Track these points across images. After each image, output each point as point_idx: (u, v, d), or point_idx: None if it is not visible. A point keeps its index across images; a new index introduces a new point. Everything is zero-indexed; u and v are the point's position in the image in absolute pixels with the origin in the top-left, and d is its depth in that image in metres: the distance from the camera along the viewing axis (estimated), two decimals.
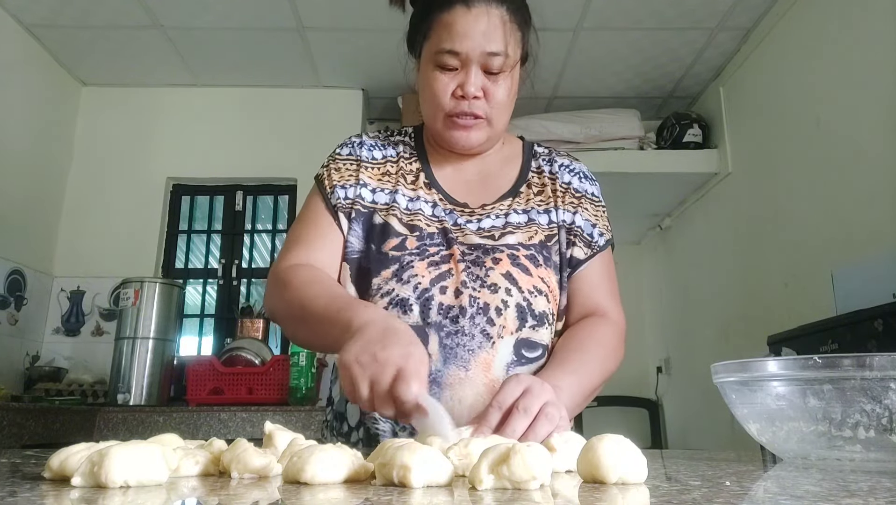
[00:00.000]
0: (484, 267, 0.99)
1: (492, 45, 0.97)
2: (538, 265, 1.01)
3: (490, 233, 1.03)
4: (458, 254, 1.00)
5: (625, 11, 2.88)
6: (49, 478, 0.53)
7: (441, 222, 1.03)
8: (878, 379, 0.62)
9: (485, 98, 1.00)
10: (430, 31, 1.01)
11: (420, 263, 0.98)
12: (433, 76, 1.00)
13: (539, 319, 0.99)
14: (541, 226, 1.06)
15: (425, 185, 1.08)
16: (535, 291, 0.99)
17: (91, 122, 3.47)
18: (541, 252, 1.02)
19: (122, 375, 2.76)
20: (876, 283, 2.11)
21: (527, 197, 1.09)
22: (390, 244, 1.00)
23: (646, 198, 3.74)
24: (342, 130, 3.43)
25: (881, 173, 2.17)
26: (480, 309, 0.96)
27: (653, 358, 4.32)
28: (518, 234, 1.03)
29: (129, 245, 3.31)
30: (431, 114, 1.04)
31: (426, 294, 0.97)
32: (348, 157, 1.10)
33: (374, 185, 1.07)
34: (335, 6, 2.86)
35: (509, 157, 1.14)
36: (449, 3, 0.98)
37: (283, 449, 0.63)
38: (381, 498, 0.45)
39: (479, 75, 0.99)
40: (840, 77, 2.39)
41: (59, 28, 3.02)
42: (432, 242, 1.01)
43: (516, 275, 0.99)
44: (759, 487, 0.54)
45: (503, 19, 0.98)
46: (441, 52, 0.98)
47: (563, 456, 0.62)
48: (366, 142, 1.12)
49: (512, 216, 1.05)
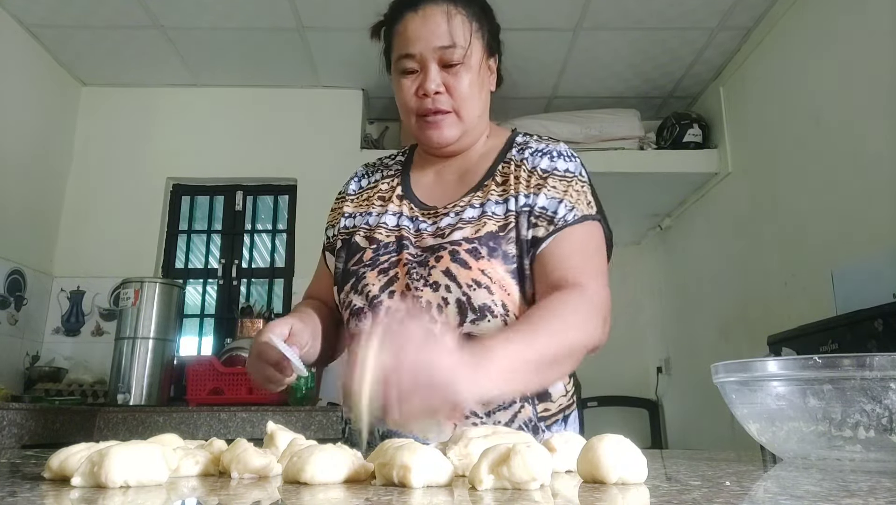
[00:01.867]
0: (427, 266, 1.01)
1: (441, 40, 1.02)
2: (479, 258, 0.99)
3: (442, 231, 1.04)
4: (406, 258, 1.03)
5: (625, 11, 2.88)
6: (49, 478, 0.53)
7: (399, 230, 1.07)
8: (878, 379, 0.62)
9: (448, 92, 1.04)
10: (391, 45, 1.08)
11: (371, 273, 1.04)
12: (399, 83, 1.07)
13: (480, 312, 0.97)
14: (493, 216, 1.03)
15: (398, 198, 1.12)
16: (473, 285, 0.98)
17: (91, 122, 3.47)
18: (486, 244, 1.00)
19: (122, 375, 2.76)
20: (876, 283, 2.11)
21: (489, 189, 1.07)
22: (352, 260, 1.08)
23: (646, 198, 3.74)
24: (342, 130, 3.48)
25: (881, 173, 2.17)
26: (424, 308, 0.99)
27: (653, 358, 4.32)
28: (466, 228, 1.02)
29: (129, 245, 3.31)
30: (405, 119, 1.10)
31: (376, 300, 1.02)
32: (340, 196, 1.21)
33: (352, 212, 1.16)
34: (335, 6, 2.86)
35: (489, 151, 1.13)
36: (400, 13, 1.06)
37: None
38: (381, 498, 0.45)
39: (437, 71, 1.04)
40: (840, 77, 2.39)
41: (59, 28, 3.02)
42: (385, 252, 1.05)
43: (455, 270, 0.99)
44: (759, 487, 0.54)
45: (448, 13, 1.04)
46: (400, 59, 1.05)
47: (563, 456, 0.62)
48: (358, 174, 1.23)
49: (467, 211, 1.05)
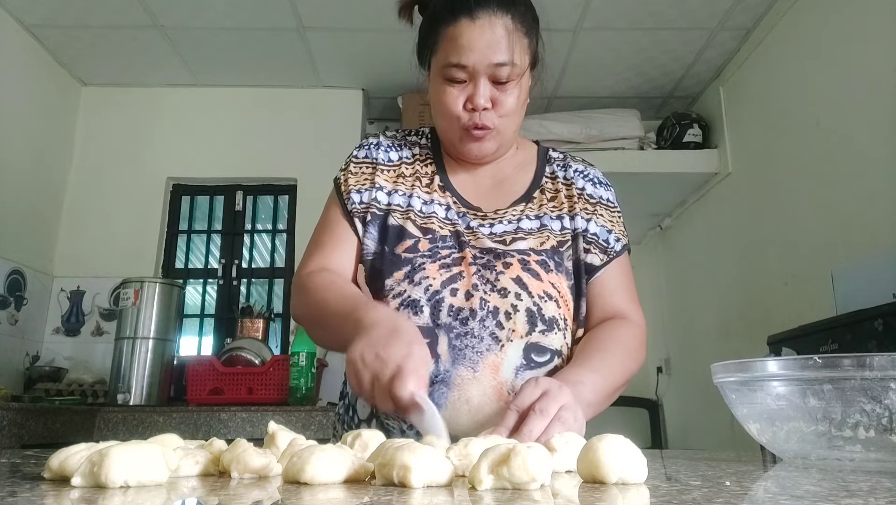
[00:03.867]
0: (494, 271, 1.00)
1: (498, 56, 0.97)
2: (549, 271, 1.01)
3: (502, 238, 1.04)
4: (470, 257, 1.01)
5: (625, 11, 2.88)
6: (49, 478, 0.53)
7: (454, 225, 1.04)
8: (878, 379, 0.62)
9: (494, 108, 1.01)
10: (436, 44, 1.01)
11: (432, 266, 1.00)
12: (443, 90, 1.01)
13: (549, 323, 0.99)
14: (553, 231, 1.06)
15: (440, 188, 1.09)
16: (545, 296, 1.00)
17: (91, 122, 3.47)
18: (552, 258, 1.03)
19: (122, 375, 2.76)
20: (876, 283, 2.11)
21: (540, 202, 1.09)
22: (403, 246, 1.02)
23: (646, 198, 3.74)
24: (342, 130, 3.48)
25: (881, 173, 2.17)
26: (490, 312, 0.97)
27: (653, 358, 4.32)
28: (529, 239, 1.04)
29: (129, 245, 3.31)
30: (445, 127, 1.05)
31: (437, 296, 0.98)
32: (364, 160, 1.11)
33: (389, 188, 1.08)
34: (335, 6, 2.86)
35: (523, 162, 1.15)
36: (454, 16, 0.99)
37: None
38: (381, 498, 0.45)
39: (488, 86, 0.99)
40: (840, 77, 2.39)
41: (59, 28, 3.02)
42: (444, 245, 1.02)
43: (526, 280, 0.99)
44: (759, 487, 0.54)
45: (508, 28, 0.98)
46: (448, 66, 0.99)
47: (563, 456, 0.62)
48: (382, 143, 1.13)
49: (524, 221, 1.06)
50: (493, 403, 0.94)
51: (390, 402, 0.77)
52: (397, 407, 0.77)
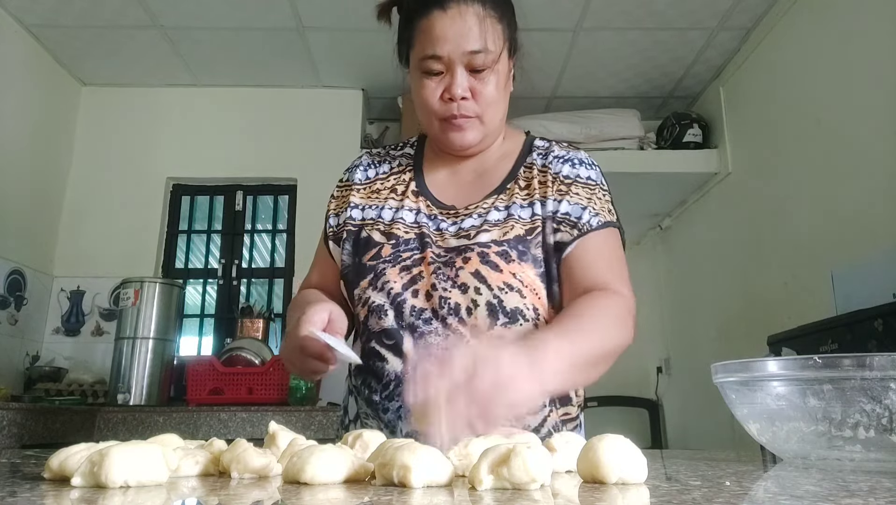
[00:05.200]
0: (454, 267, 1.00)
1: (471, 44, 0.98)
2: (510, 261, 0.99)
3: (467, 232, 1.03)
4: (430, 256, 1.01)
5: (625, 11, 2.88)
6: (49, 478, 0.53)
7: (420, 228, 1.05)
8: (878, 379, 0.62)
9: (473, 97, 1.01)
10: (412, 38, 1.03)
11: (392, 270, 1.02)
12: (421, 83, 1.02)
13: (511, 315, 0.98)
14: (520, 220, 1.03)
15: (413, 195, 1.10)
16: (505, 288, 0.98)
17: (91, 122, 3.47)
18: (515, 247, 1.00)
19: (122, 375, 2.76)
20: (876, 283, 2.11)
21: (511, 193, 1.07)
22: (369, 255, 1.05)
23: (646, 198, 3.73)
24: (342, 130, 3.48)
25: (881, 173, 2.17)
26: (452, 309, 0.98)
27: (653, 358, 4.32)
28: (493, 231, 1.02)
29: (129, 245, 3.31)
30: (425, 120, 1.06)
31: (398, 298, 1.00)
32: (346, 183, 1.17)
33: (362, 204, 1.12)
34: (335, 6, 2.86)
35: (507, 152, 1.13)
36: (426, 8, 1.00)
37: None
38: (381, 498, 0.45)
39: (465, 76, 1.00)
40: (840, 77, 2.39)
41: (59, 28, 3.02)
42: (406, 248, 1.03)
43: (485, 273, 0.98)
44: (759, 487, 0.54)
45: (479, 15, 0.99)
46: (424, 59, 1.00)
47: (563, 456, 0.62)
48: (363, 162, 1.18)
49: (491, 214, 1.05)
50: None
51: (308, 363, 0.89)
52: (308, 354, 0.89)
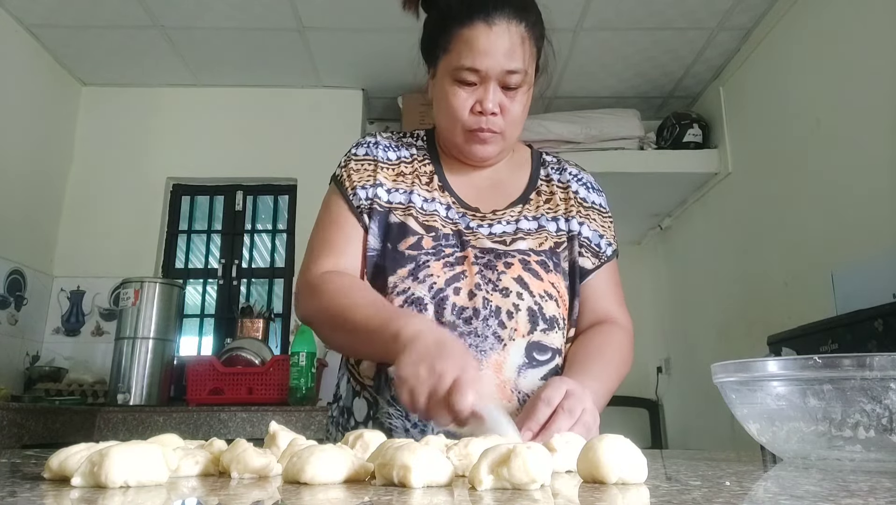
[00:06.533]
0: (496, 271, 1.01)
1: (512, 64, 0.98)
2: (548, 271, 1.04)
3: (501, 238, 1.05)
4: (472, 256, 1.02)
5: (625, 11, 2.88)
6: (49, 478, 0.53)
7: (455, 224, 1.05)
8: (878, 379, 0.62)
9: (501, 113, 1.01)
10: (449, 44, 1.00)
11: (436, 263, 1.00)
12: (451, 91, 1.01)
13: (550, 322, 1.01)
14: (550, 233, 1.08)
15: (439, 188, 1.09)
16: (545, 296, 1.02)
17: (91, 122, 3.47)
18: (551, 258, 1.05)
19: (122, 375, 2.76)
20: (876, 283, 2.11)
21: (536, 204, 1.11)
22: (407, 243, 1.02)
23: (646, 198, 3.73)
24: (342, 130, 3.48)
25: (881, 173, 2.16)
26: (493, 312, 0.98)
27: (653, 358, 4.32)
28: (528, 240, 1.06)
29: (129, 245, 3.31)
30: (449, 127, 1.05)
31: (441, 294, 0.99)
32: (365, 158, 1.10)
33: (389, 186, 1.07)
34: (335, 6, 2.86)
35: (519, 164, 1.17)
36: (469, 18, 0.97)
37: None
38: (381, 498, 0.45)
39: (497, 92, 1.00)
40: (840, 77, 2.39)
41: (59, 28, 3.02)
42: (447, 243, 1.03)
43: (527, 279, 1.01)
44: (759, 487, 0.54)
45: (523, 36, 0.99)
46: (460, 69, 0.99)
47: (563, 456, 0.62)
48: (381, 142, 1.12)
49: (522, 222, 1.08)
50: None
51: (448, 415, 0.77)
52: (456, 419, 0.76)
